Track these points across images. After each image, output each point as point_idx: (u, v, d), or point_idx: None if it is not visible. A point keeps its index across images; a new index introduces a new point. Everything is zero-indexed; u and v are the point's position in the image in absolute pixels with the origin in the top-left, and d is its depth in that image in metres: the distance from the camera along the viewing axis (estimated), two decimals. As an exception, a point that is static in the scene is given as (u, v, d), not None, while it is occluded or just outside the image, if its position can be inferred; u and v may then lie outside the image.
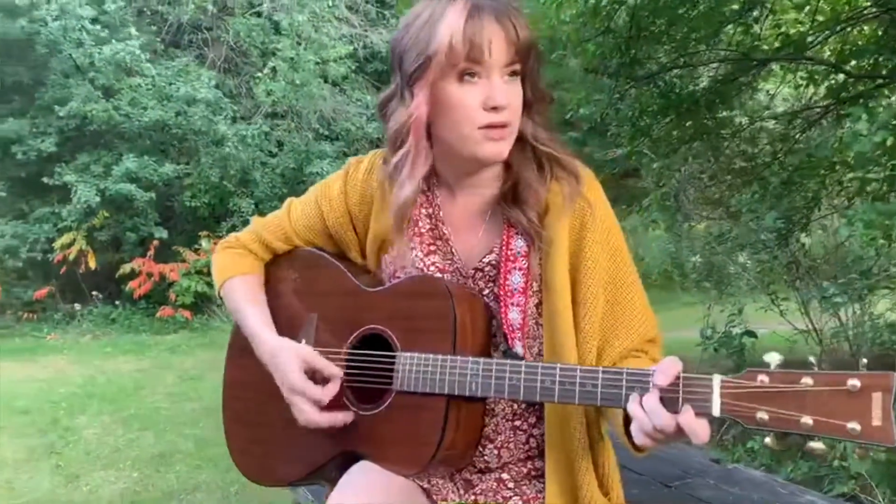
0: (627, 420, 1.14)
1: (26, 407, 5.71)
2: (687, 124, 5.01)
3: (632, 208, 6.42)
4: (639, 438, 1.10)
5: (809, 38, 4.52)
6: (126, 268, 9.66)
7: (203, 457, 4.36)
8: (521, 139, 1.33)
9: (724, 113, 5.24)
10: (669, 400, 1.06)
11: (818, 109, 4.79)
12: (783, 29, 4.74)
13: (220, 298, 1.57)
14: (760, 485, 1.79)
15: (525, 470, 1.37)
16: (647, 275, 10.10)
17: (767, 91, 5.50)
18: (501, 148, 1.29)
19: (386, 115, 1.37)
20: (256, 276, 1.55)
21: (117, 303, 9.90)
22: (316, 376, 1.35)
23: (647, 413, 1.07)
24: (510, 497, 1.34)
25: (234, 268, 1.54)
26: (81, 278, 9.83)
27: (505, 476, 1.36)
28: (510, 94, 1.27)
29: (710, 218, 6.40)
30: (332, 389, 1.34)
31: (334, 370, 1.35)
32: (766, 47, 4.88)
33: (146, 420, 5.30)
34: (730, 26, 4.75)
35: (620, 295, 1.32)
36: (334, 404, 1.36)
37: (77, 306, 9.84)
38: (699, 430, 1.04)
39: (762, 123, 5.38)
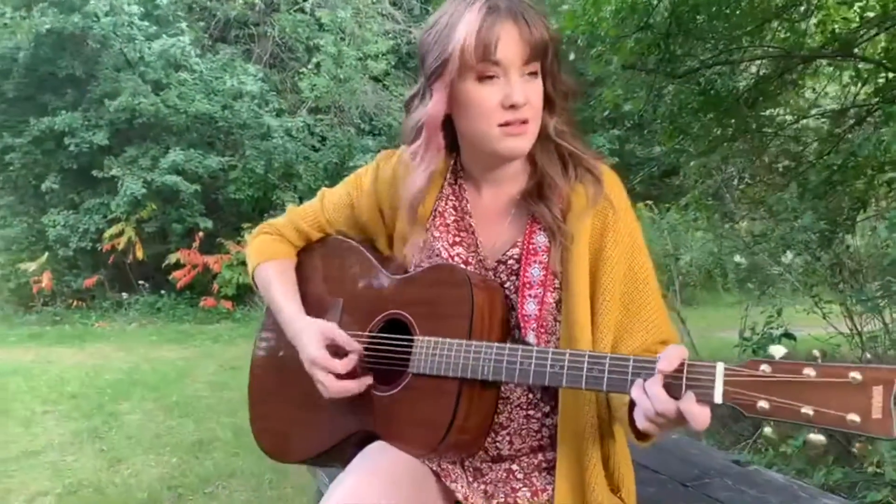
0: (633, 409, 1.16)
1: (74, 392, 5.89)
2: (729, 122, 4.93)
3: (670, 206, 6.35)
4: (641, 423, 1.12)
5: (857, 36, 4.42)
6: (172, 258, 9.89)
7: (240, 445, 4.44)
8: (544, 136, 1.36)
9: (768, 111, 5.14)
10: (672, 386, 1.08)
11: (864, 108, 4.68)
12: (830, 26, 4.64)
13: (253, 281, 1.63)
14: (780, 488, 1.77)
15: (536, 461, 1.40)
16: (689, 275, 9.99)
17: (813, 89, 5.38)
18: (521, 143, 1.32)
19: (408, 112, 1.43)
20: (289, 260, 1.63)
21: (163, 292, 10.14)
22: (338, 351, 1.41)
23: (649, 398, 1.09)
24: (519, 488, 1.36)
25: (268, 252, 1.62)
26: (129, 268, 10.10)
27: (515, 467, 1.39)
28: (529, 91, 1.29)
29: (752, 217, 6.29)
30: (349, 362, 1.39)
31: (354, 345, 1.41)
32: (812, 44, 4.78)
33: (187, 407, 5.43)
34: (775, 23, 4.66)
35: (636, 295, 1.34)
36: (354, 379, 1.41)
37: (124, 295, 10.11)
38: (699, 415, 1.05)
39: (806, 122, 5.27)
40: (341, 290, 1.55)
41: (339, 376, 1.39)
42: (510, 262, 1.39)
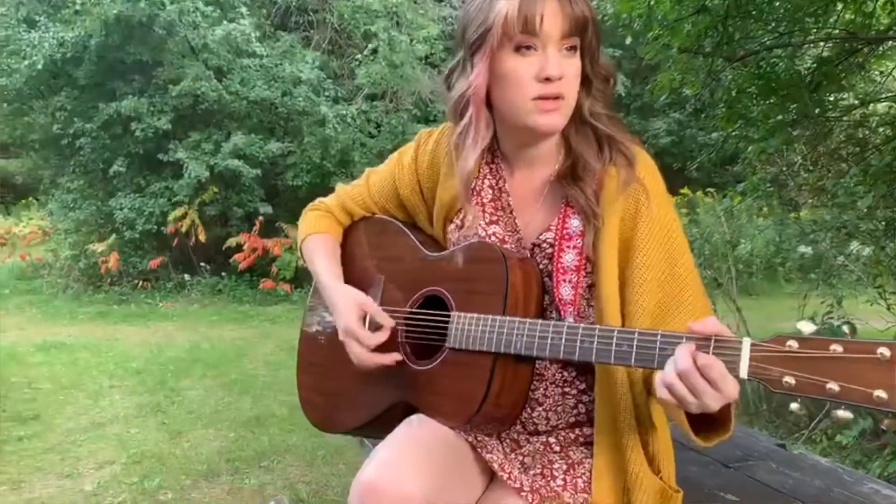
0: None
1: (138, 368, 6.12)
2: (790, 107, 4.80)
3: (729, 192, 6.21)
4: (659, 390, 1.11)
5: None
6: (232, 241, 10.10)
7: (295, 422, 4.56)
8: (578, 117, 1.36)
9: (832, 96, 4.97)
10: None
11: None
12: (897, 5, 4.46)
13: (300, 253, 1.70)
14: (824, 471, 1.76)
15: (573, 436, 1.42)
16: (749, 264, 9.76)
17: (881, 72, 5.18)
18: (554, 119, 1.33)
19: (450, 86, 1.44)
20: (334, 235, 1.69)
21: (223, 274, 10.37)
22: (371, 324, 1.46)
23: (672, 359, 1.09)
24: (556, 461, 1.38)
25: (316, 226, 1.69)
26: (192, 250, 10.36)
27: (552, 440, 1.42)
28: (565, 66, 1.30)
29: (815, 206, 6.11)
30: (381, 336, 1.45)
31: (387, 320, 1.46)
32: (879, 26, 4.61)
33: (245, 385, 5.59)
34: (840, 4, 4.51)
35: (674, 289, 1.34)
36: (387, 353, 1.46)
37: (187, 276, 10.37)
38: (722, 377, 1.03)
39: (873, 106, 5.09)
40: (383, 268, 1.60)
41: (371, 349, 1.44)
42: (544, 245, 1.40)
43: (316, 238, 1.67)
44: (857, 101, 5.34)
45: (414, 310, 1.48)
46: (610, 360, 1.20)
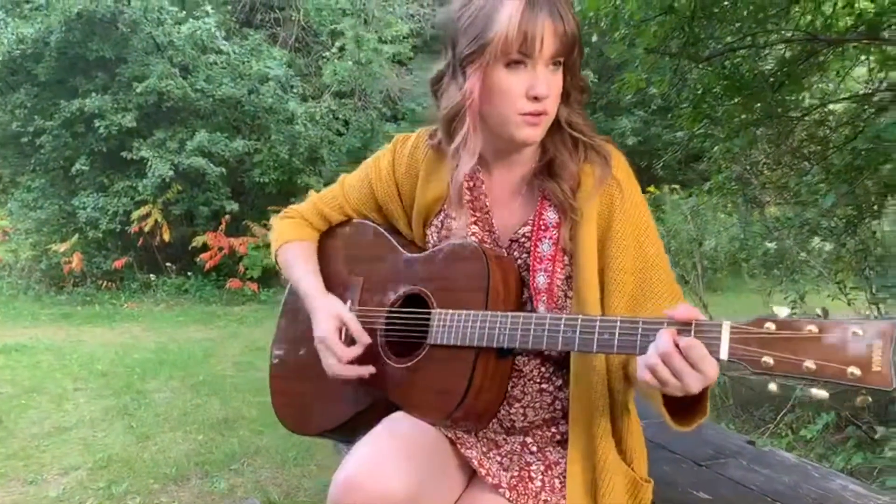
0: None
1: (103, 370, 6.01)
2: (754, 106, 4.89)
3: (693, 191, 6.30)
4: (640, 372, 1.13)
5: (884, 18, 4.35)
6: (198, 241, 10.00)
7: (265, 423, 4.52)
8: (556, 125, 1.41)
9: (793, 96, 5.08)
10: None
11: (892, 92, 4.61)
12: (856, 8, 4.57)
13: (276, 261, 1.71)
14: (792, 467, 1.80)
15: (549, 434, 1.44)
16: (714, 260, 9.91)
17: (837, 72, 5.31)
18: (536, 133, 1.37)
19: (438, 93, 1.45)
20: (310, 242, 1.69)
21: (189, 274, 10.28)
22: (346, 338, 1.49)
23: (654, 343, 1.12)
24: (533, 462, 1.40)
25: (291, 234, 1.69)
26: (157, 250, 10.23)
27: (529, 440, 1.43)
28: (552, 83, 1.34)
29: (777, 203, 6.24)
30: (355, 351, 1.48)
31: (363, 337, 1.46)
32: (839, 27, 4.71)
33: (213, 386, 5.53)
34: (797, 6, 4.60)
35: (647, 273, 1.38)
36: (371, 355, 1.49)
37: (152, 277, 10.25)
38: (702, 356, 1.07)
39: (833, 106, 5.20)
40: (361, 270, 1.60)
41: (344, 362, 1.47)
42: (522, 239, 1.44)
43: (292, 246, 1.67)
44: (816, 101, 5.46)
45: (394, 308, 1.49)
46: (592, 348, 1.22)
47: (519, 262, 1.43)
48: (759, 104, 4.83)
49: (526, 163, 1.46)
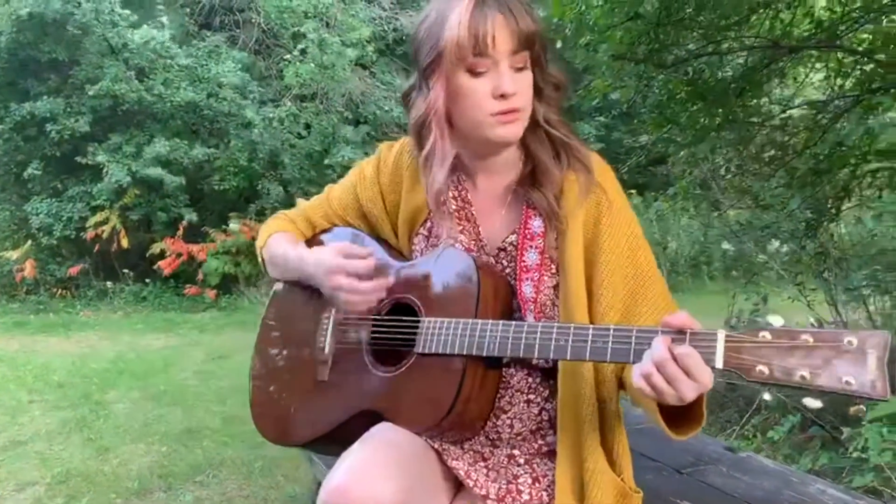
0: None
1: (60, 381, 5.85)
2: (716, 112, 4.96)
3: (659, 195, 6.39)
4: (636, 379, 1.13)
5: (841, 27, 4.45)
6: (156, 247, 9.81)
7: (229, 433, 4.44)
8: (534, 123, 1.40)
9: (754, 101, 5.18)
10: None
11: (849, 98, 4.72)
12: (815, 16, 4.67)
13: (262, 254, 1.67)
14: (772, 473, 1.81)
15: (536, 446, 1.43)
16: (675, 263, 10.07)
17: (794, 78, 5.43)
18: (513, 130, 1.37)
19: (408, 106, 1.47)
20: (296, 233, 1.69)
21: (148, 281, 10.06)
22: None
23: (650, 350, 1.12)
24: (520, 474, 1.38)
25: (277, 228, 1.69)
26: (114, 257, 10.01)
27: (516, 452, 1.42)
28: (519, 81, 1.34)
29: (739, 207, 6.35)
30: (369, 262, 1.43)
31: (367, 249, 1.47)
32: (797, 34, 4.80)
33: (175, 396, 5.41)
34: (756, 14, 4.68)
35: (640, 283, 1.38)
36: (356, 364, 1.45)
37: (109, 284, 10.01)
38: (697, 365, 1.07)
39: (792, 112, 5.32)
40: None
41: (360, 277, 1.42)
42: (509, 248, 1.43)
43: (281, 234, 1.67)
44: (776, 108, 5.56)
45: (379, 317, 1.46)
46: (585, 356, 1.21)
47: (507, 270, 1.42)
48: (720, 110, 4.91)
49: (510, 171, 1.46)
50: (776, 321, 1.09)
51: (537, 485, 1.37)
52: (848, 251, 5.54)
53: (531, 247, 1.40)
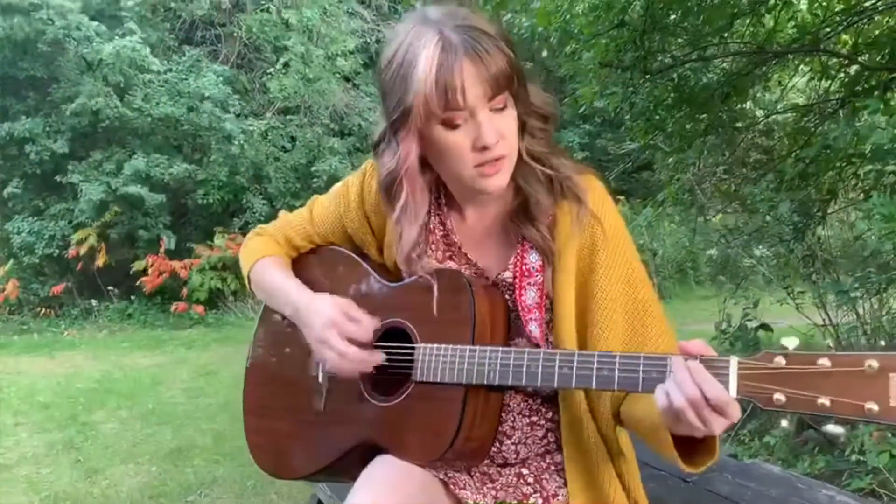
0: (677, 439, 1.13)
1: (45, 402, 5.76)
2: (701, 117, 4.98)
3: (646, 202, 6.40)
4: (668, 420, 1.08)
5: (825, 31, 4.49)
6: (139, 264, 9.72)
7: (220, 451, 4.39)
8: (521, 160, 1.31)
9: (739, 106, 5.20)
10: None
11: (834, 101, 4.75)
12: (798, 20, 4.71)
13: (249, 279, 1.59)
14: (778, 480, 1.79)
15: (545, 465, 1.38)
16: (662, 268, 10.10)
17: (779, 82, 5.46)
18: (499, 180, 1.28)
19: (378, 156, 1.36)
20: (284, 258, 1.58)
21: (133, 298, 9.97)
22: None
23: (676, 383, 1.06)
24: (530, 494, 1.34)
25: (265, 251, 1.58)
26: (97, 274, 9.90)
27: (525, 471, 1.37)
28: (500, 126, 1.24)
29: (726, 211, 6.37)
30: (368, 329, 1.34)
31: (370, 318, 1.35)
32: (781, 39, 4.84)
33: (164, 415, 5.34)
34: (740, 19, 4.71)
35: (641, 317, 1.32)
36: (352, 394, 1.38)
37: (93, 302, 9.91)
38: (728, 402, 1.02)
39: (777, 116, 5.35)
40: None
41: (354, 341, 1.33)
42: (503, 284, 1.36)
43: (268, 260, 1.56)
44: (761, 112, 5.60)
45: (375, 344, 1.40)
46: (591, 385, 1.16)
47: (509, 303, 1.36)
48: (706, 115, 4.92)
49: (499, 201, 1.38)
50: (790, 343, 1.03)
51: (549, 504, 1.33)
52: (835, 253, 5.57)
53: (529, 284, 1.32)
